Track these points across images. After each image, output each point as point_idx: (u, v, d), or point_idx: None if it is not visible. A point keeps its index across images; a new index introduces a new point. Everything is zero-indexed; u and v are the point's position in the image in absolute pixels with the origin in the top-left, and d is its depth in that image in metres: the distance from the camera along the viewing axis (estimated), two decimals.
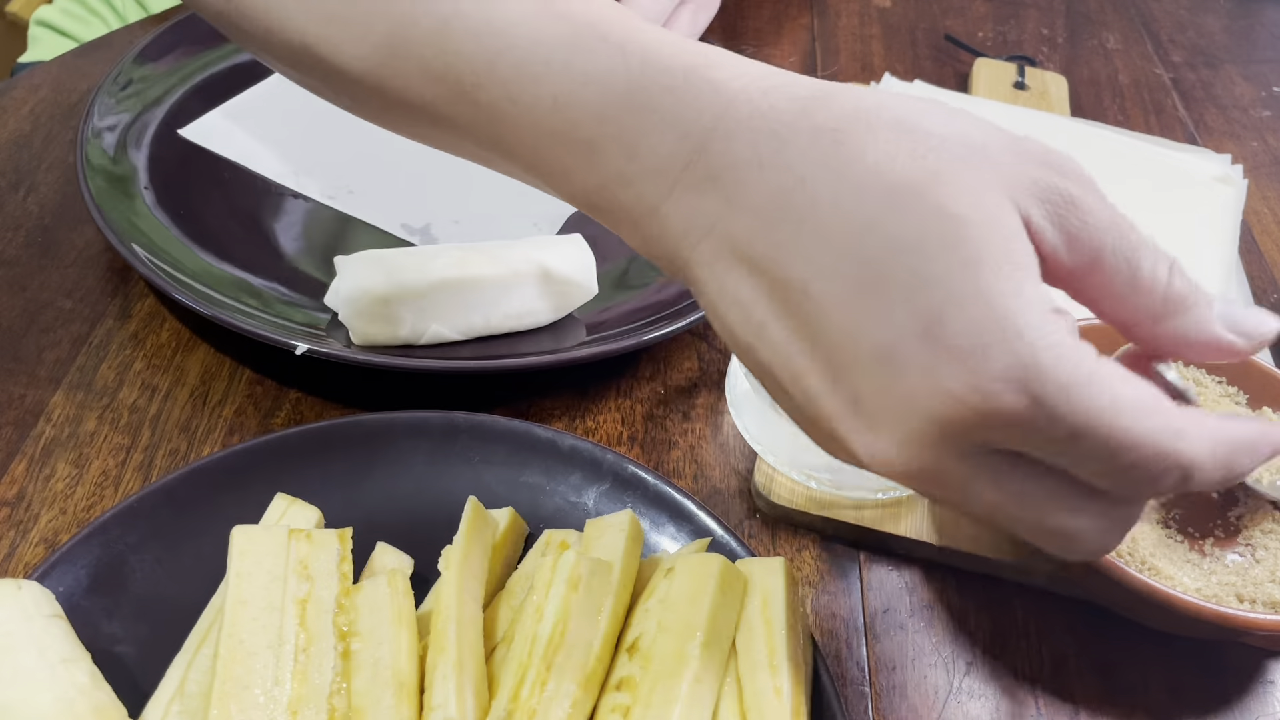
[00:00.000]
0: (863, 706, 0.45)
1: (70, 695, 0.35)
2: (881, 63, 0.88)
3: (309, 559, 0.39)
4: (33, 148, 0.66)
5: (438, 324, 0.52)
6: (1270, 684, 0.48)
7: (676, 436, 0.55)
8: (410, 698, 0.36)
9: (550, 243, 0.54)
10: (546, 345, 0.54)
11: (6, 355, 0.54)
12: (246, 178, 0.63)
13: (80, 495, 0.48)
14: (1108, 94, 0.89)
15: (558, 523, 0.46)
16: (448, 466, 0.47)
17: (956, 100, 0.77)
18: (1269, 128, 0.88)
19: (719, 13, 0.89)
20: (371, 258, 0.52)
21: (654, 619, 0.38)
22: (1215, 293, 0.63)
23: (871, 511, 0.51)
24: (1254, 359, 0.54)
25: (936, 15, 0.96)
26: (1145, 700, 0.47)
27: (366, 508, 0.46)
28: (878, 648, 0.47)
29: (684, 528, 0.46)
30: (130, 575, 0.42)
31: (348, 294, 0.51)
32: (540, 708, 0.35)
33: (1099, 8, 1.02)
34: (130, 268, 0.59)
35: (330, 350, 0.50)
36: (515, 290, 0.53)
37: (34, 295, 0.57)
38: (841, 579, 0.50)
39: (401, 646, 0.37)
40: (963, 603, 0.50)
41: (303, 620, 0.38)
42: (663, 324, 0.54)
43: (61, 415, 0.52)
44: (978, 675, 0.47)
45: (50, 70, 0.72)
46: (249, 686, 0.36)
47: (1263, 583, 0.47)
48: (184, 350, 0.55)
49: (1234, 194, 0.71)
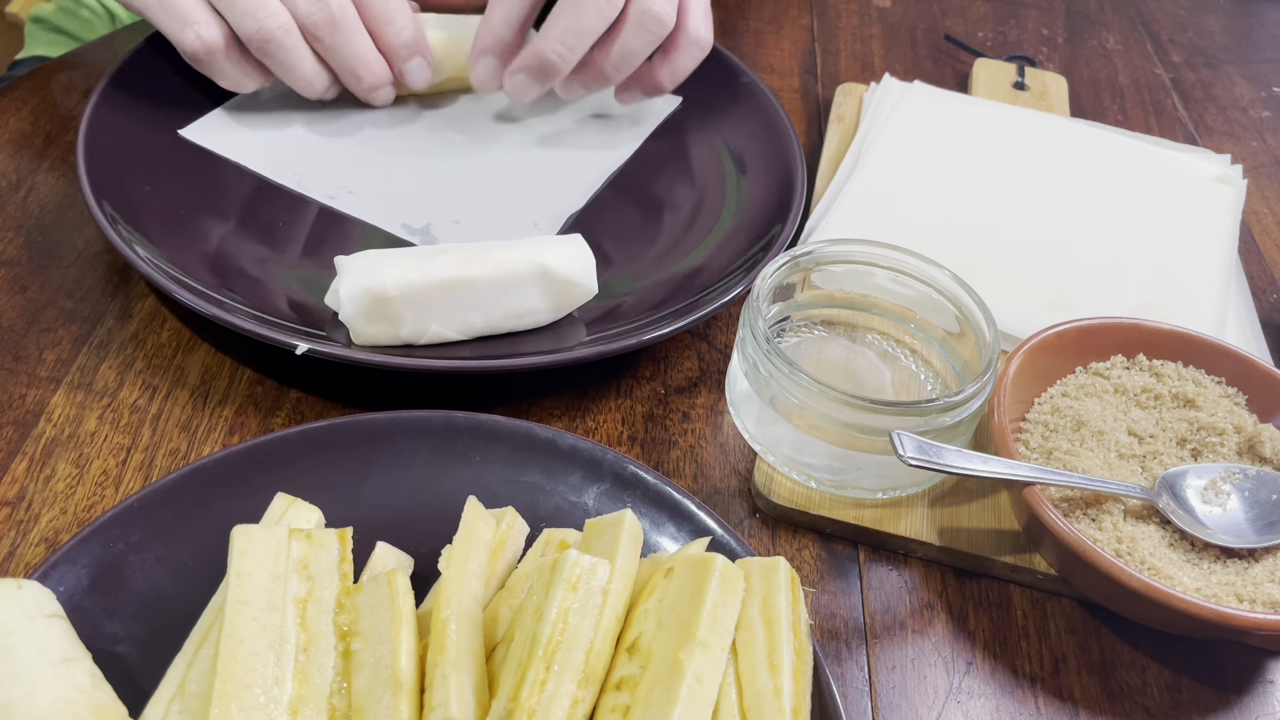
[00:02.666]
0: (863, 706, 0.45)
1: (71, 695, 0.35)
2: (881, 63, 0.88)
3: (309, 559, 0.39)
4: (33, 148, 0.66)
5: (438, 324, 0.52)
6: (1270, 684, 0.48)
7: (676, 436, 0.55)
8: (410, 698, 0.36)
9: (550, 243, 0.54)
10: (547, 345, 0.54)
11: (7, 355, 0.54)
12: (248, 178, 0.63)
13: (81, 495, 0.48)
14: (1107, 94, 0.89)
15: (558, 522, 0.46)
16: (448, 466, 0.47)
17: (957, 100, 0.77)
18: (1269, 128, 0.88)
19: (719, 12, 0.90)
20: (372, 257, 0.52)
21: (654, 619, 0.38)
22: (1215, 293, 0.63)
23: (871, 511, 0.51)
24: (1254, 359, 0.54)
25: (936, 15, 0.96)
26: (1145, 700, 0.47)
27: (366, 508, 0.46)
28: (878, 648, 0.47)
29: (684, 527, 0.46)
30: (130, 575, 0.42)
31: (348, 293, 0.51)
32: (540, 708, 0.35)
33: (1099, 8, 1.02)
34: (131, 267, 0.59)
35: (331, 350, 0.50)
36: (515, 290, 0.53)
37: (34, 295, 0.57)
38: (841, 579, 0.50)
39: (401, 646, 0.37)
40: (963, 603, 0.50)
41: (303, 620, 0.38)
42: (663, 324, 0.54)
43: (62, 415, 0.52)
44: (978, 675, 0.47)
45: (50, 70, 0.72)
46: (249, 686, 0.36)
47: (1262, 583, 0.47)
48: (184, 350, 0.55)
49: (1234, 194, 0.71)
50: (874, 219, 0.65)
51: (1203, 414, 0.53)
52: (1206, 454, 0.52)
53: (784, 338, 0.58)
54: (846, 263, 0.56)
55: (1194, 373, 0.55)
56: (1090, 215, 0.68)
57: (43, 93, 0.70)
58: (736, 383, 0.53)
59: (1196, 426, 0.53)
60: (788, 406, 0.50)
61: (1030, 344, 0.53)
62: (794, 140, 0.68)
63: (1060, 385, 0.55)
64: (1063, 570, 0.48)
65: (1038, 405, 0.54)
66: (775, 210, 0.63)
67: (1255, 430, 0.52)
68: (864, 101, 0.77)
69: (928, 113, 0.75)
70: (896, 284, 0.56)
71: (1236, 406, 0.54)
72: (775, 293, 0.55)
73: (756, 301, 0.51)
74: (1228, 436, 0.52)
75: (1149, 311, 0.61)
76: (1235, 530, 0.49)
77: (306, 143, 0.65)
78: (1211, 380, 0.55)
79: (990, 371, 0.50)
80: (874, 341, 0.58)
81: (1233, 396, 0.55)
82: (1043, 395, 0.55)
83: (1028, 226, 0.67)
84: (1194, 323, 0.59)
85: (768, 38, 0.89)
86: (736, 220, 0.63)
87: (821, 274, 0.57)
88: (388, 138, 0.66)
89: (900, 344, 0.58)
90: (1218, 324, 0.62)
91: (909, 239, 0.57)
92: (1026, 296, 0.62)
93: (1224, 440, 0.52)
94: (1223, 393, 0.55)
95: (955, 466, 0.46)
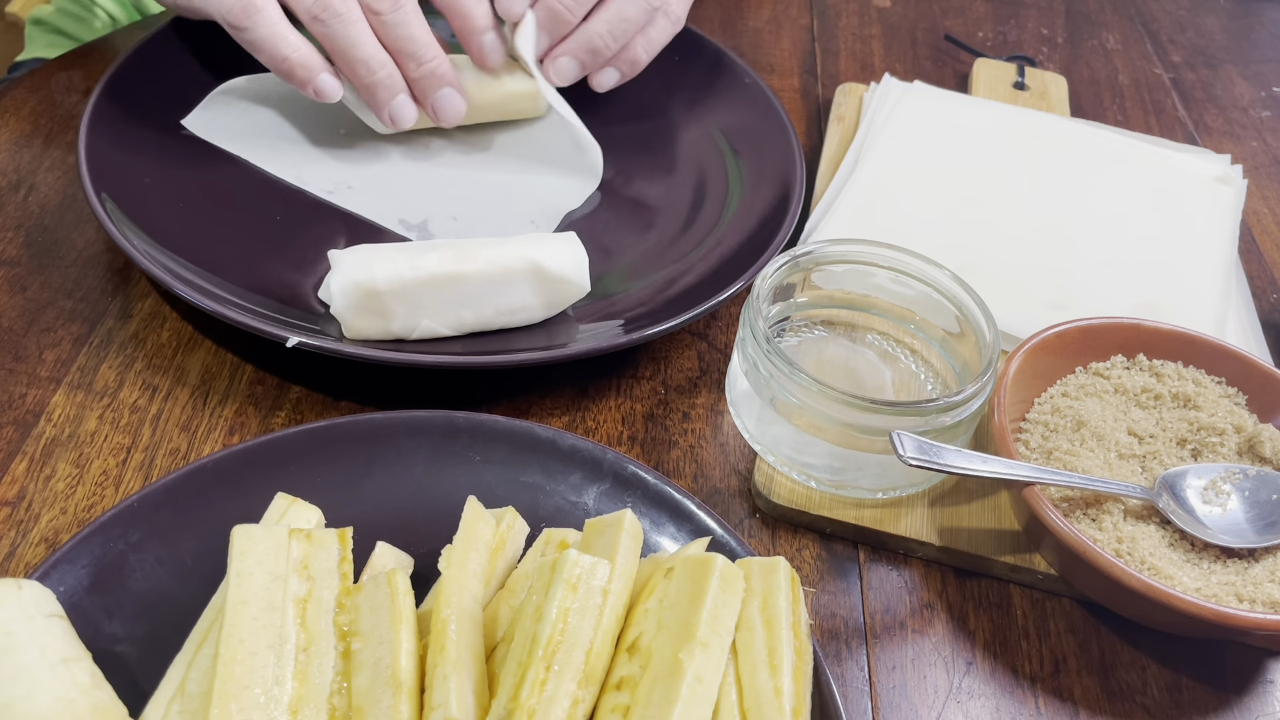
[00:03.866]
0: (863, 706, 0.45)
1: (71, 695, 0.35)
2: (881, 63, 0.88)
3: (309, 559, 0.39)
4: (33, 148, 0.66)
5: (429, 319, 0.52)
6: (1270, 684, 0.48)
7: (676, 436, 0.55)
8: (410, 697, 0.36)
9: (543, 240, 0.54)
10: (539, 342, 0.54)
11: (7, 355, 0.54)
12: (248, 172, 0.63)
13: (81, 495, 0.48)
14: (1107, 94, 0.89)
15: (558, 522, 0.46)
16: (448, 466, 0.47)
17: (956, 101, 0.77)
18: (1269, 128, 0.88)
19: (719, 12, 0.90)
20: (364, 252, 0.52)
21: (654, 619, 0.38)
22: (1215, 293, 0.63)
23: (871, 511, 0.51)
24: (1254, 359, 0.54)
25: (936, 15, 0.96)
26: (1145, 700, 0.47)
27: (366, 508, 0.46)
28: (878, 648, 0.47)
29: (684, 527, 0.46)
30: (130, 575, 0.42)
31: (339, 287, 0.51)
32: (540, 708, 0.35)
33: (1099, 8, 1.02)
34: (130, 267, 0.59)
35: (321, 344, 0.51)
36: (507, 286, 0.53)
37: (34, 295, 0.57)
38: (841, 579, 0.50)
39: (401, 646, 0.37)
40: (963, 603, 0.50)
41: (303, 620, 0.38)
42: (659, 321, 0.54)
43: (62, 415, 0.52)
44: (978, 675, 0.47)
45: (50, 70, 0.72)
46: (249, 686, 0.36)
47: (1262, 583, 0.47)
48: (184, 350, 0.55)
49: (1233, 194, 0.71)
50: (874, 219, 0.65)
51: (1203, 414, 0.53)
52: (1206, 454, 0.52)
53: (784, 338, 0.58)
54: (846, 263, 0.56)
55: (1194, 373, 0.55)
56: (1090, 215, 0.68)
57: (43, 93, 0.70)
58: (736, 383, 0.53)
59: (1196, 426, 0.53)
60: (788, 406, 0.50)
61: (1030, 344, 0.53)
62: (794, 140, 0.68)
63: (1060, 385, 0.55)
64: (1063, 570, 0.48)
65: (1038, 405, 0.54)
66: (775, 210, 0.63)
67: (1255, 430, 0.52)
68: (864, 101, 0.77)
69: (928, 113, 0.75)
70: (896, 284, 0.56)
71: (1236, 406, 0.54)
72: (775, 293, 0.55)
73: (756, 301, 0.51)
74: (1228, 436, 0.52)
75: (1149, 311, 0.61)
76: (1235, 530, 0.49)
77: (307, 138, 0.65)
78: (1211, 380, 0.55)
79: (990, 371, 0.50)
80: (874, 341, 0.58)
81: (1233, 396, 0.55)
82: (1043, 395, 0.55)
83: (1028, 226, 0.67)
84: (1194, 323, 0.59)
85: (768, 38, 0.89)
86: (736, 219, 0.63)
87: (821, 274, 0.57)
88: (389, 135, 0.66)
89: (900, 344, 0.58)
90: (1218, 324, 0.62)
91: (909, 239, 0.57)
92: (1026, 296, 0.62)
93: (1224, 440, 0.52)
94: (1223, 393, 0.55)
95: (955, 466, 0.46)
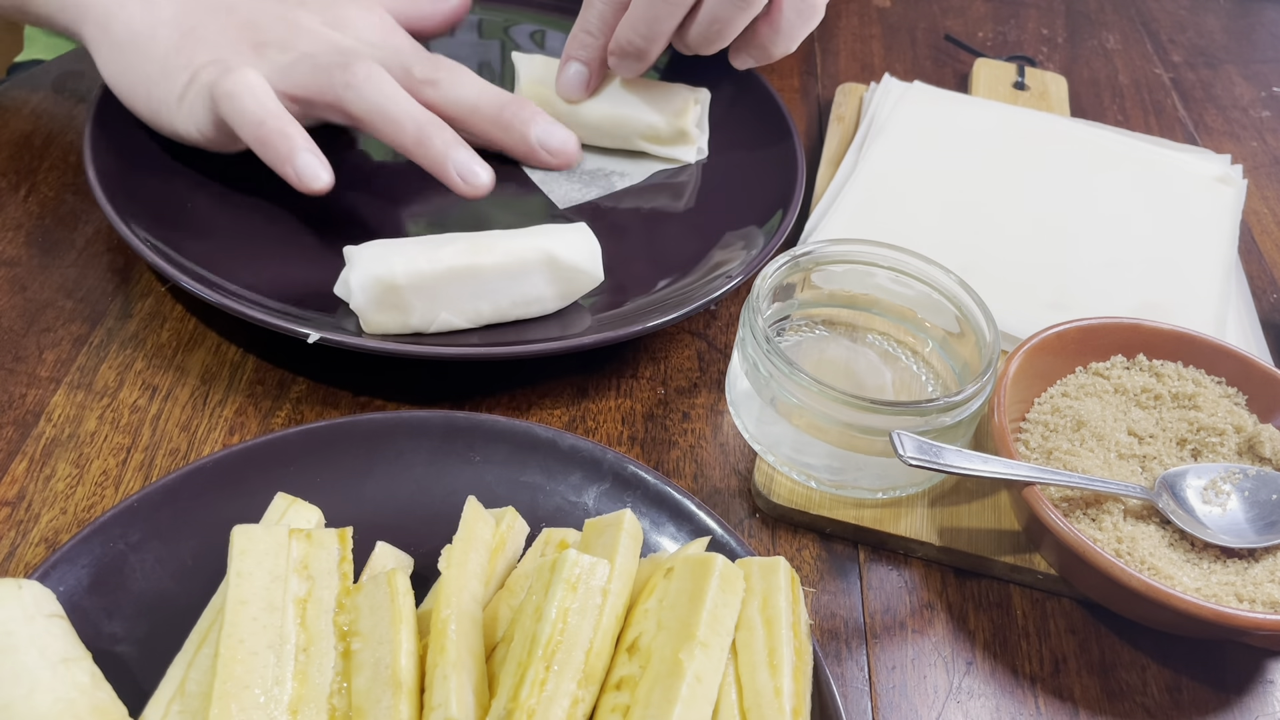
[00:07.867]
0: (863, 706, 0.45)
1: (71, 695, 0.35)
2: (881, 63, 0.88)
3: (309, 559, 0.39)
4: (33, 148, 0.66)
5: (447, 311, 0.52)
6: (1270, 684, 0.48)
7: (676, 436, 0.55)
8: (410, 698, 0.36)
9: (556, 230, 0.54)
10: (554, 332, 0.54)
11: (7, 355, 0.54)
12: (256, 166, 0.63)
13: (81, 495, 0.48)
14: (1107, 94, 0.89)
15: (557, 522, 0.46)
16: (448, 466, 0.47)
17: (956, 101, 0.77)
18: (1269, 128, 0.88)
19: None
20: (381, 246, 0.52)
21: (654, 619, 0.38)
22: (1215, 293, 0.63)
23: (871, 511, 0.51)
24: (1254, 359, 0.54)
25: (936, 15, 0.96)
26: (1145, 700, 0.47)
27: (366, 508, 0.46)
28: (878, 648, 0.47)
29: (684, 527, 0.46)
30: (130, 575, 0.42)
31: (359, 283, 0.51)
32: (540, 708, 0.35)
33: (1099, 8, 1.02)
34: (130, 267, 0.59)
35: (343, 338, 0.51)
36: (522, 278, 0.53)
37: (34, 295, 0.57)
38: (841, 579, 0.50)
39: (401, 646, 0.37)
40: (963, 603, 0.50)
41: (303, 620, 0.38)
42: (666, 312, 0.55)
43: (62, 415, 0.52)
44: (978, 675, 0.47)
45: (50, 70, 0.72)
46: (249, 686, 0.36)
47: (1262, 582, 0.47)
48: (185, 350, 0.55)
49: (1233, 194, 0.71)
50: (874, 218, 0.65)
51: (1203, 414, 0.53)
52: (1206, 454, 0.52)
53: (784, 337, 0.58)
54: (846, 263, 0.56)
55: (1194, 373, 0.55)
56: (1090, 215, 0.68)
57: (43, 93, 0.70)
58: (736, 383, 0.53)
59: (1196, 426, 0.53)
60: (788, 406, 0.50)
61: (1030, 344, 0.53)
62: (795, 140, 0.68)
63: (1060, 385, 0.55)
64: (1063, 570, 0.48)
65: (1038, 405, 0.54)
66: (775, 209, 0.63)
67: (1255, 430, 0.52)
68: (864, 101, 0.77)
69: (928, 113, 0.75)
70: (896, 284, 0.56)
71: (1236, 406, 0.54)
72: (775, 292, 0.55)
73: (756, 301, 0.51)
74: (1228, 436, 0.52)
75: (1149, 311, 0.61)
76: (1235, 530, 0.49)
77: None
78: (1211, 380, 0.55)
79: (990, 371, 0.50)
80: (874, 341, 0.58)
81: (1233, 396, 0.55)
82: (1043, 395, 0.55)
83: (1028, 226, 0.67)
84: (1194, 323, 0.59)
85: None
86: (736, 219, 0.63)
87: (821, 274, 0.57)
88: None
89: (900, 344, 0.58)
90: (1218, 324, 0.62)
91: (909, 239, 0.57)
92: (1026, 296, 0.62)
93: (1224, 440, 0.52)
94: (1223, 393, 0.55)
95: (955, 466, 0.46)
